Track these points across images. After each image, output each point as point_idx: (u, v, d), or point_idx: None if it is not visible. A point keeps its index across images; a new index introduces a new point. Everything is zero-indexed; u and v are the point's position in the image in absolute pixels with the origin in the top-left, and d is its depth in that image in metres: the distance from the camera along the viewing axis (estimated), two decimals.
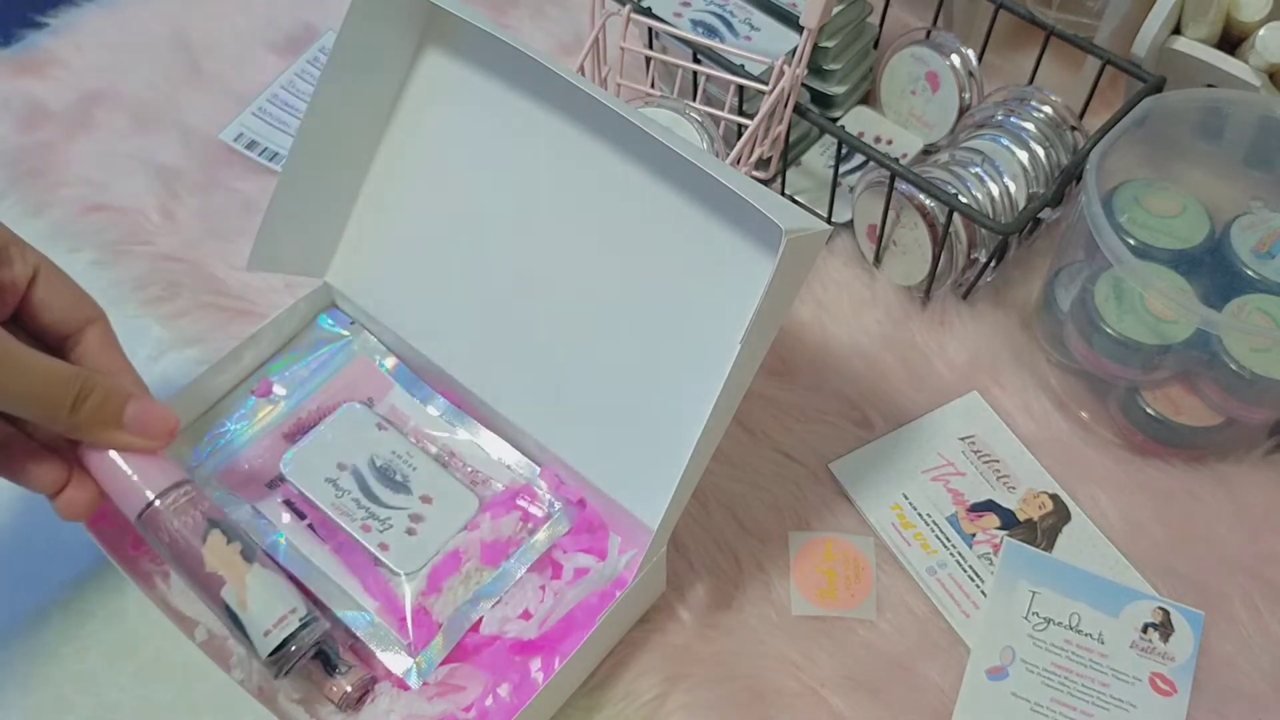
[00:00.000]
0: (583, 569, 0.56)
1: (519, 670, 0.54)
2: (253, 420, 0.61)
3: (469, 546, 0.56)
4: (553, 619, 0.54)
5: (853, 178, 0.73)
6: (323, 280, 0.63)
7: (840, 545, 0.61)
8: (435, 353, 0.61)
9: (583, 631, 0.53)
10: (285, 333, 0.63)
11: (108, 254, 0.73)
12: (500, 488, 0.59)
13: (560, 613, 0.55)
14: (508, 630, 0.54)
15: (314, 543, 0.56)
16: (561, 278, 0.57)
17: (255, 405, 0.61)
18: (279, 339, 0.63)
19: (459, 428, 0.61)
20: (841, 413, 0.66)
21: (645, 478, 0.53)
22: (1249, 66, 0.67)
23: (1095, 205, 0.59)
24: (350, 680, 0.53)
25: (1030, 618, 0.59)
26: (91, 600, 0.60)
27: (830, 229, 0.47)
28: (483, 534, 0.56)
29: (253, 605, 0.51)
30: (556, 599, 0.55)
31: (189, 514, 0.52)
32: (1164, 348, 0.61)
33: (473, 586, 0.55)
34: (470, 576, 0.56)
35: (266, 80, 0.82)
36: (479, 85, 0.58)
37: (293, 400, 0.62)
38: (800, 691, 0.57)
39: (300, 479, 0.58)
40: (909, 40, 0.73)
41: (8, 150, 0.78)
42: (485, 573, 0.56)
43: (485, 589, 0.55)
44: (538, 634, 0.54)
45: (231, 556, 0.51)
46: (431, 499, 0.57)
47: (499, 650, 0.54)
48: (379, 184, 0.62)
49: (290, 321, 0.63)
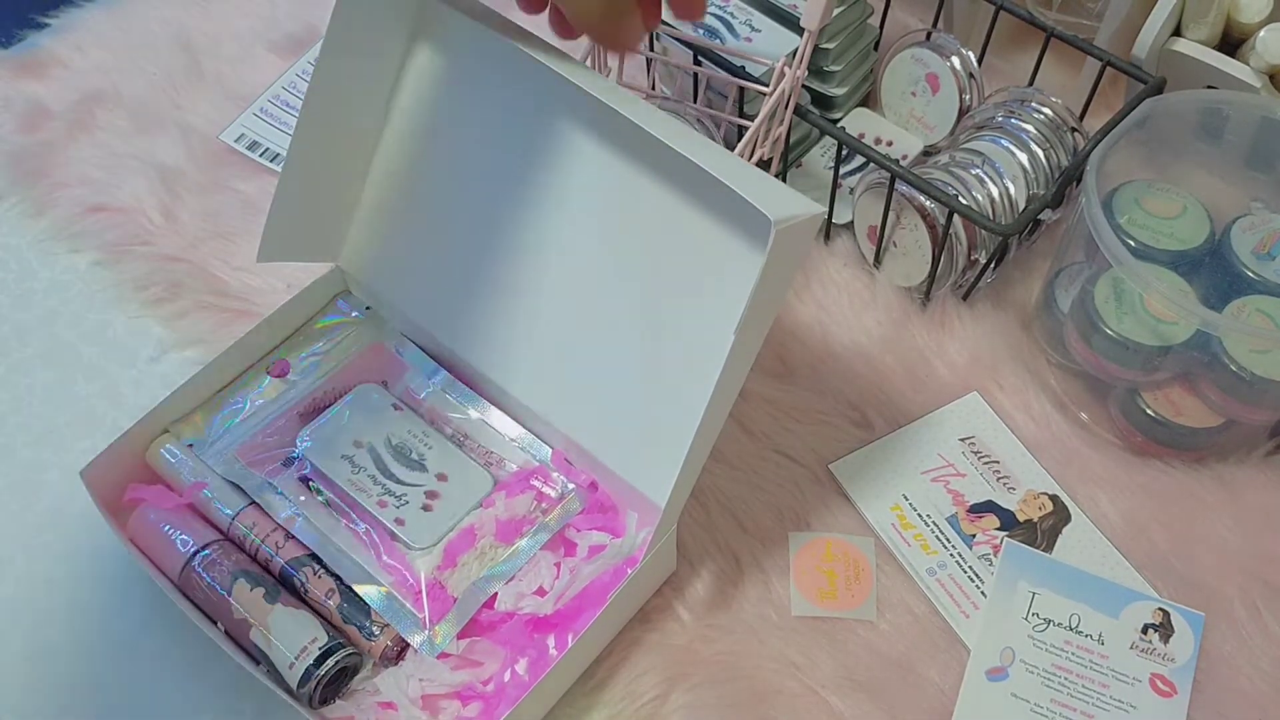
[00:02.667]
0: (598, 546, 0.57)
1: (536, 646, 0.55)
2: (269, 399, 0.62)
3: (484, 523, 0.57)
4: (568, 595, 0.55)
5: (853, 179, 0.73)
6: (335, 265, 0.64)
7: (840, 546, 0.61)
8: (446, 335, 0.62)
9: (596, 609, 0.54)
10: (301, 315, 0.64)
11: (109, 254, 0.73)
12: (514, 468, 0.59)
13: (575, 589, 0.56)
14: (523, 606, 0.55)
15: (330, 518, 0.57)
16: (565, 263, 0.57)
17: (271, 384, 0.62)
18: (295, 321, 0.64)
19: (472, 409, 0.62)
20: (841, 413, 0.66)
21: (653, 458, 0.54)
22: (1249, 68, 0.67)
23: (1095, 206, 0.59)
24: (388, 637, 0.55)
25: (1030, 618, 0.59)
26: (92, 601, 0.60)
27: (823, 212, 0.47)
28: (498, 512, 0.57)
29: (277, 642, 0.53)
30: (572, 575, 0.56)
31: (219, 567, 0.55)
32: (1164, 349, 0.61)
33: (488, 563, 0.56)
34: (485, 553, 0.56)
35: (267, 80, 0.82)
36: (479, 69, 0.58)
37: (308, 381, 0.62)
38: (800, 692, 0.57)
39: (317, 456, 0.59)
40: (909, 42, 0.73)
41: (9, 150, 0.78)
42: (500, 549, 0.57)
43: (500, 565, 0.56)
44: (553, 609, 0.55)
45: (256, 600, 0.54)
46: (447, 477, 0.58)
47: (515, 626, 0.55)
48: (388, 167, 0.62)
49: (306, 305, 0.64)
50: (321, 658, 0.53)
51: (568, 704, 0.56)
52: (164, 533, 0.56)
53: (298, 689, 0.53)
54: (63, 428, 0.66)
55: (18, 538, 0.62)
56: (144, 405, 0.59)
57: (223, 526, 0.58)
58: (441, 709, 0.54)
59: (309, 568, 0.56)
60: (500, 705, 0.53)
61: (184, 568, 0.56)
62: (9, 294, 0.72)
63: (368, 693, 0.54)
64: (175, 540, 0.56)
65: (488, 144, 0.59)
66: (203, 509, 0.58)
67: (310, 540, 0.57)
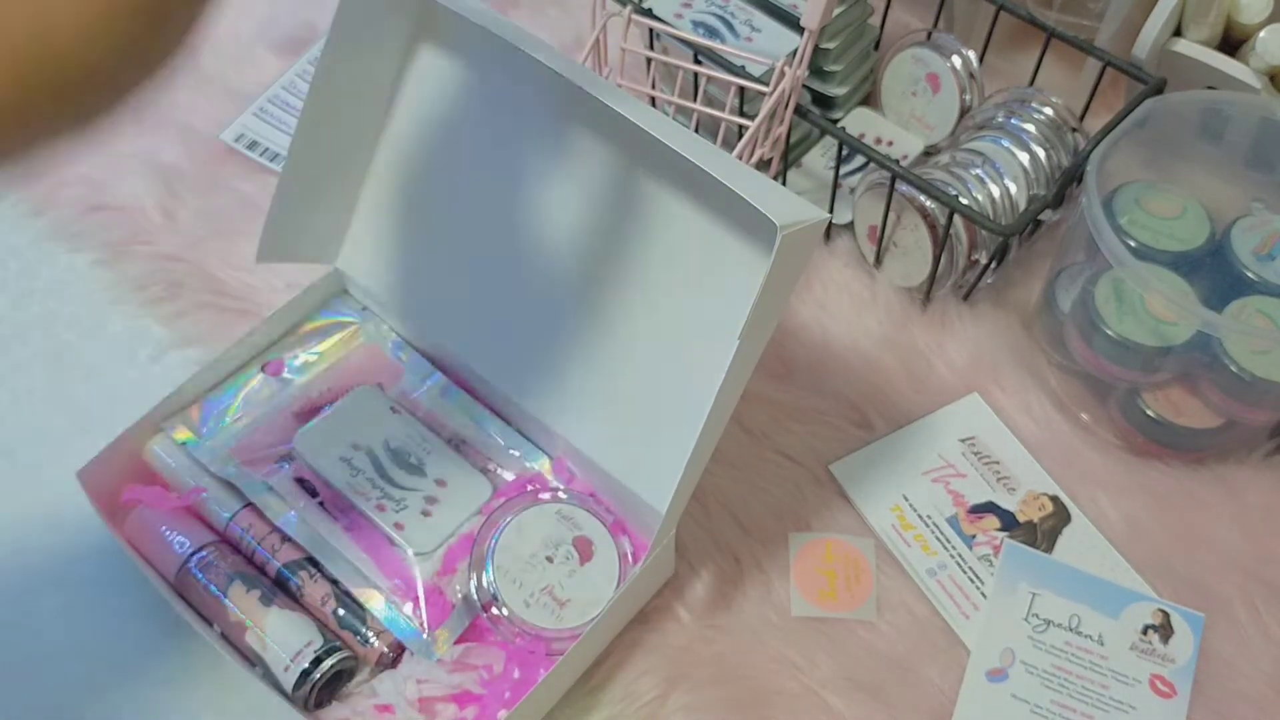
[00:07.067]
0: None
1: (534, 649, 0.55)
2: (264, 398, 0.61)
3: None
4: None
5: (853, 179, 0.73)
6: (333, 266, 0.64)
7: (840, 546, 0.61)
8: (445, 338, 0.62)
9: None
10: (297, 315, 0.64)
11: (108, 254, 0.73)
12: (511, 476, 0.59)
13: None
14: None
15: (326, 520, 0.57)
16: (565, 266, 0.57)
17: (266, 383, 0.62)
18: (291, 321, 0.64)
19: (469, 415, 0.61)
20: (842, 414, 0.66)
21: (654, 463, 0.54)
22: (1249, 68, 0.67)
23: (1096, 207, 0.59)
24: (384, 643, 0.55)
25: (1030, 619, 0.59)
26: (92, 601, 0.60)
27: (827, 218, 0.47)
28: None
29: (272, 644, 0.53)
30: None
31: (215, 569, 0.55)
32: (1164, 349, 0.61)
33: None
34: None
35: (267, 80, 0.82)
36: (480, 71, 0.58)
37: (304, 381, 0.62)
38: (800, 692, 0.57)
39: (313, 457, 0.58)
40: (910, 42, 0.73)
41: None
42: None
43: None
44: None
45: (251, 603, 0.54)
46: (446, 482, 0.58)
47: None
48: (388, 169, 0.62)
49: (302, 305, 0.64)
50: (317, 661, 0.53)
51: (568, 704, 0.56)
52: (161, 534, 0.56)
53: (293, 692, 0.53)
54: (62, 427, 0.66)
55: (16, 537, 0.62)
56: (143, 405, 0.59)
57: (219, 528, 0.58)
58: (439, 712, 0.54)
59: (305, 571, 0.56)
60: (498, 708, 0.53)
61: (180, 569, 0.55)
62: (9, 294, 0.72)
63: (365, 695, 0.54)
64: (172, 541, 0.56)
65: (488, 146, 0.59)
66: (199, 510, 0.58)
67: (307, 543, 0.56)
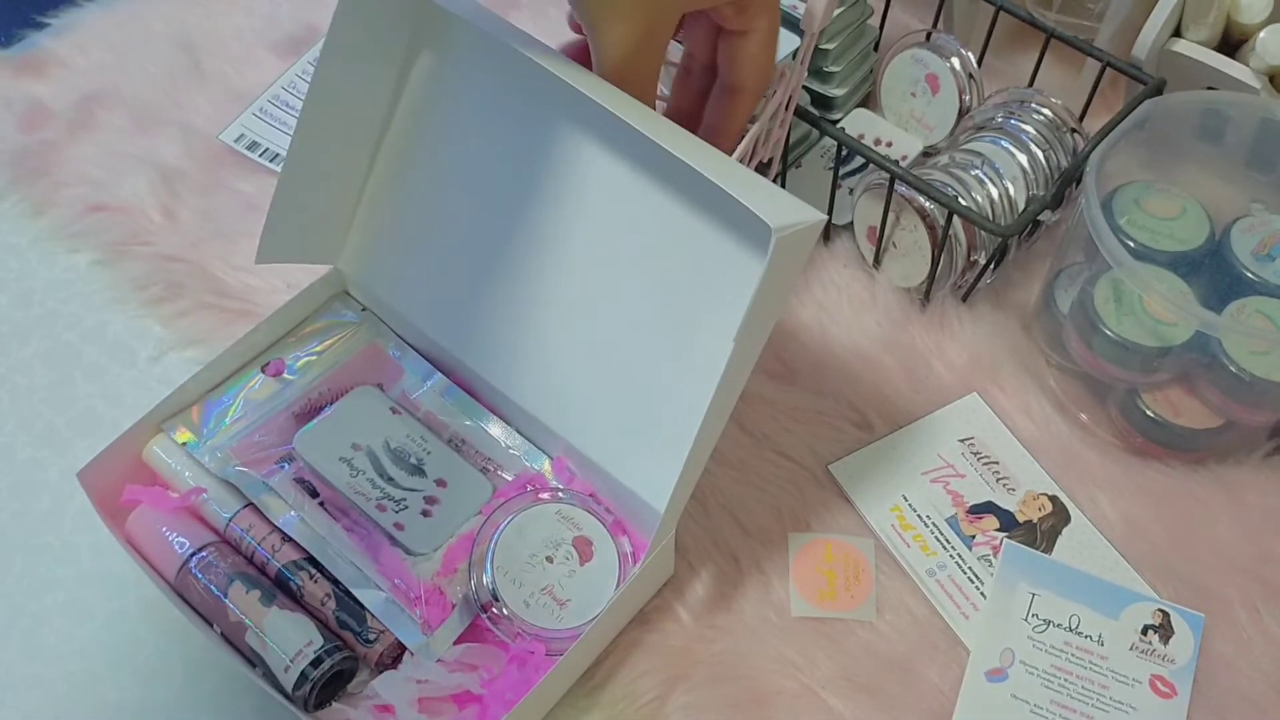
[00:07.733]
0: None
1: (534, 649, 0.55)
2: (264, 398, 0.61)
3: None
4: None
5: (853, 180, 0.73)
6: (333, 267, 0.64)
7: (840, 547, 0.61)
8: (445, 339, 0.62)
9: None
10: (298, 315, 0.64)
11: (109, 254, 0.73)
12: (510, 477, 0.59)
13: None
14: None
15: (327, 521, 0.57)
16: (565, 267, 0.57)
17: (266, 383, 0.62)
18: (291, 321, 0.64)
19: (469, 416, 0.62)
20: (841, 414, 0.66)
21: (652, 464, 0.54)
22: (1249, 69, 0.67)
23: (1095, 207, 0.59)
24: (384, 643, 0.55)
25: (1030, 619, 0.59)
26: (92, 601, 0.60)
27: (824, 219, 0.47)
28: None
29: (271, 645, 0.53)
30: None
31: (215, 569, 0.55)
32: (1163, 350, 0.61)
33: None
34: None
35: (267, 80, 0.82)
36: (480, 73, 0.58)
37: (304, 381, 0.62)
38: (800, 693, 0.57)
39: (313, 457, 0.58)
40: (909, 42, 0.73)
41: (9, 150, 0.78)
42: None
43: None
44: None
45: (251, 603, 0.54)
46: (446, 483, 0.58)
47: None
48: (389, 171, 0.62)
49: (303, 306, 0.64)
50: (317, 661, 0.53)
51: (568, 704, 0.56)
52: (161, 534, 0.56)
53: (293, 692, 0.53)
54: (62, 428, 0.66)
55: (16, 538, 0.62)
56: (143, 405, 0.59)
57: (219, 528, 0.58)
58: (439, 712, 0.54)
59: (305, 571, 0.56)
60: (498, 708, 0.53)
61: (180, 569, 0.55)
62: (9, 293, 0.72)
63: (365, 696, 0.54)
64: (172, 542, 0.56)
65: (489, 148, 0.59)
66: (200, 510, 0.58)
67: (308, 543, 0.56)
